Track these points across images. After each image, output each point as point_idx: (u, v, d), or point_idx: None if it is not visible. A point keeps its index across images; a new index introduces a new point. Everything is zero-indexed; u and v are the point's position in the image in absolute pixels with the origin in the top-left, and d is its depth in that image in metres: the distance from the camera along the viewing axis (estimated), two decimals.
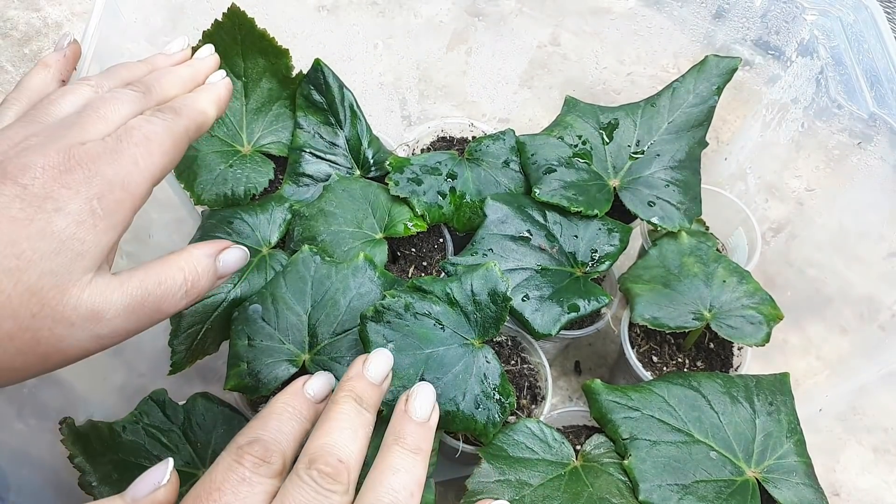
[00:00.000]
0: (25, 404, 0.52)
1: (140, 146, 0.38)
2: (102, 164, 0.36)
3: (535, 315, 0.55)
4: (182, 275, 0.39)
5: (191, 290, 0.39)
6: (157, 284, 0.37)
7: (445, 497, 0.63)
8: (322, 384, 0.42)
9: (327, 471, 0.34)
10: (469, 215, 0.62)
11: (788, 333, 0.72)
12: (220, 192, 0.62)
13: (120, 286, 0.36)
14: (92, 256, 0.35)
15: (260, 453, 0.35)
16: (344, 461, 0.35)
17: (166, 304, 0.38)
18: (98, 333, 0.35)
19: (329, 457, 0.35)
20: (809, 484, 0.50)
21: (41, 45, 0.90)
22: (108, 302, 0.35)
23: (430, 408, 0.40)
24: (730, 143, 0.74)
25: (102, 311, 0.35)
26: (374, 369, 0.41)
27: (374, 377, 0.41)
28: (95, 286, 0.35)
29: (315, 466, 0.34)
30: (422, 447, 0.38)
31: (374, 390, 0.40)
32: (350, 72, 0.67)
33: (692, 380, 0.53)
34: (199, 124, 0.43)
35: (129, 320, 0.36)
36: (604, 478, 0.50)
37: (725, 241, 0.72)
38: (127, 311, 0.36)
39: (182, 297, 0.39)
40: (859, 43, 0.59)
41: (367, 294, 0.53)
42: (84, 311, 0.34)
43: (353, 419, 0.37)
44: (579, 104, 0.67)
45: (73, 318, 0.34)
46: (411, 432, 0.38)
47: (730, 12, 0.66)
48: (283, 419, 0.38)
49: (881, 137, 0.59)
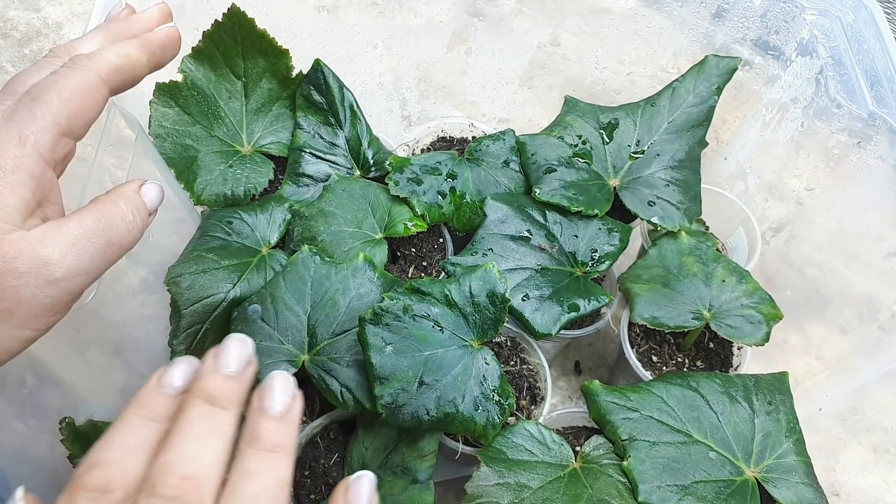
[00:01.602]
0: (25, 404, 0.53)
1: (36, 100, 0.38)
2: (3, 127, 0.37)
3: (534, 315, 0.55)
4: (118, 206, 0.39)
5: (134, 217, 0.40)
6: (95, 220, 0.38)
7: (445, 497, 0.63)
8: (181, 372, 0.34)
9: (171, 493, 0.29)
10: (469, 215, 0.62)
11: (788, 333, 0.72)
12: (219, 192, 0.62)
13: (58, 230, 0.37)
14: (6, 216, 0.36)
15: (96, 483, 0.30)
16: (191, 476, 0.30)
17: (115, 235, 0.39)
18: (52, 276, 0.36)
19: (171, 477, 0.30)
20: (809, 483, 0.50)
21: (41, 45, 0.90)
22: (50, 246, 0.36)
23: (288, 399, 0.34)
24: (730, 143, 0.74)
25: (46, 254, 0.36)
26: (226, 359, 0.34)
27: (228, 368, 0.34)
28: (31, 236, 0.36)
29: (156, 492, 0.29)
30: (281, 444, 0.33)
31: (229, 383, 0.34)
32: (350, 72, 0.67)
33: (691, 380, 0.53)
34: (115, 66, 0.41)
35: (81, 257, 0.37)
36: (603, 479, 0.50)
37: (725, 241, 0.72)
38: (74, 249, 0.37)
39: (128, 224, 0.39)
40: (859, 43, 0.59)
41: (366, 294, 0.53)
42: (28, 259, 0.35)
43: (203, 423, 0.32)
44: (579, 104, 0.67)
45: (20, 268, 0.35)
46: (267, 430, 0.33)
47: (729, 12, 0.66)
48: (128, 431, 0.32)
49: (881, 137, 0.59)
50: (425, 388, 0.48)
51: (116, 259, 0.39)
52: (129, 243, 0.40)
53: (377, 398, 0.47)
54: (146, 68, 0.44)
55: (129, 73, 0.43)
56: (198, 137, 0.64)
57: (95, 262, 0.38)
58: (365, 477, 0.35)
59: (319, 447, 0.55)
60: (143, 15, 0.47)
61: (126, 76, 0.42)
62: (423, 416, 0.48)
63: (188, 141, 0.63)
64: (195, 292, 0.55)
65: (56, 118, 0.38)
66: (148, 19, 0.47)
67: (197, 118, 0.64)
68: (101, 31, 0.45)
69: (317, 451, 0.54)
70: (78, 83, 0.39)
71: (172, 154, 0.62)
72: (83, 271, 0.37)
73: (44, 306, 0.36)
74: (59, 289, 0.36)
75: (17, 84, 0.40)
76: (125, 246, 0.39)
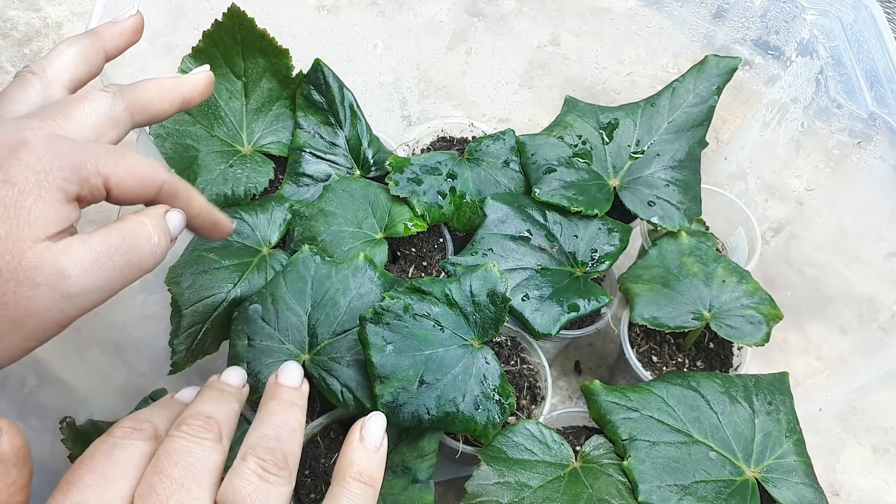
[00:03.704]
0: (26, 404, 0.53)
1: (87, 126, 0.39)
2: (55, 144, 0.37)
3: (535, 315, 0.55)
4: (145, 226, 0.39)
5: (159, 241, 0.39)
6: (121, 239, 0.38)
7: (445, 497, 0.63)
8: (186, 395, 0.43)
9: (197, 423, 0.36)
10: (469, 215, 0.62)
11: (788, 333, 0.72)
12: (220, 192, 0.62)
13: (83, 244, 0.36)
14: (42, 226, 0.35)
15: (129, 424, 0.37)
16: (213, 417, 0.37)
17: (137, 256, 0.38)
18: (68, 291, 0.35)
19: (195, 418, 0.37)
20: (809, 483, 0.50)
21: (41, 45, 0.90)
22: (71, 259, 0.35)
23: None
24: (730, 143, 0.74)
25: (66, 268, 0.35)
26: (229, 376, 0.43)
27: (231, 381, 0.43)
28: (56, 248, 0.35)
29: (184, 423, 0.37)
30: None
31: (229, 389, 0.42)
32: (350, 72, 0.67)
33: (691, 380, 0.53)
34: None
35: (99, 276, 0.36)
36: (603, 479, 0.50)
37: (725, 241, 0.72)
38: (95, 266, 0.36)
39: (152, 247, 0.39)
40: (859, 43, 0.59)
41: (367, 294, 0.53)
42: (48, 270, 0.35)
43: (218, 397, 0.40)
44: (579, 104, 0.67)
45: (38, 279, 0.34)
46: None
47: (729, 12, 0.66)
48: (151, 409, 0.40)
49: (881, 137, 0.59)
50: (426, 388, 0.48)
51: (133, 280, 0.38)
52: (150, 266, 0.39)
53: (378, 397, 0.47)
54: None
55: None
56: (198, 137, 0.64)
57: (113, 282, 0.37)
58: (378, 415, 0.41)
59: (320, 446, 0.55)
60: (190, 78, 0.47)
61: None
62: (423, 415, 0.48)
63: (188, 141, 0.63)
64: (196, 292, 0.55)
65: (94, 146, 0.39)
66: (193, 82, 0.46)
67: (197, 118, 0.64)
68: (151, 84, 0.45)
69: (317, 451, 0.54)
70: (109, 118, 0.40)
71: (173, 154, 0.62)
72: (99, 289, 0.36)
73: (54, 320, 0.35)
74: (71, 304, 0.36)
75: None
76: (145, 268, 0.39)
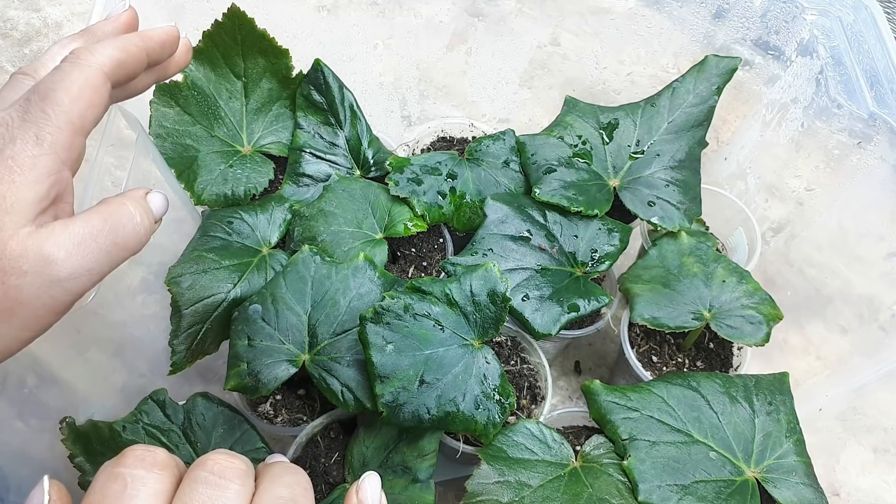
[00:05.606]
0: (26, 404, 0.53)
1: (46, 98, 0.37)
2: (13, 127, 0.36)
3: (535, 315, 0.55)
4: (126, 207, 0.39)
5: (142, 220, 0.39)
6: (102, 220, 0.38)
7: (445, 497, 0.63)
8: None
9: (218, 468, 0.32)
10: (469, 215, 0.62)
11: (788, 333, 0.72)
12: (220, 192, 0.62)
13: (65, 228, 0.36)
14: (20, 211, 0.35)
15: (139, 450, 0.32)
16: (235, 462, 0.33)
17: (121, 236, 0.38)
18: (56, 276, 0.35)
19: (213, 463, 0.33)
20: (809, 483, 0.50)
21: (41, 45, 0.90)
22: (55, 244, 0.35)
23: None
24: (730, 143, 0.74)
25: (52, 253, 0.35)
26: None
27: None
28: (38, 234, 0.35)
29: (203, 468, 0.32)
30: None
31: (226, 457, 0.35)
32: (350, 72, 0.67)
33: (691, 380, 0.53)
34: (116, 61, 0.41)
35: (86, 258, 0.36)
36: (603, 478, 0.50)
37: (725, 241, 0.72)
38: (80, 249, 0.36)
39: (136, 226, 0.39)
40: (859, 43, 0.59)
41: (367, 294, 0.53)
42: (33, 257, 0.35)
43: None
44: (579, 104, 0.67)
45: (24, 267, 0.34)
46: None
47: (730, 12, 0.66)
48: None
49: (881, 137, 0.59)
50: (426, 387, 0.48)
51: (121, 261, 0.39)
52: (135, 246, 0.39)
53: (378, 397, 0.47)
54: (144, 65, 0.43)
55: (130, 68, 0.42)
56: (198, 137, 0.64)
57: (100, 264, 0.37)
58: (372, 475, 0.38)
59: (320, 446, 0.55)
60: (156, 31, 0.45)
61: (126, 71, 0.42)
62: (423, 414, 0.48)
63: (188, 141, 0.63)
64: (196, 292, 0.55)
65: (69, 117, 0.38)
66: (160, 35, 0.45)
67: (197, 118, 0.64)
68: (88, 33, 0.44)
69: (317, 450, 0.54)
70: (84, 79, 0.39)
71: (173, 154, 0.62)
72: (87, 272, 0.37)
73: (46, 307, 0.36)
74: (61, 289, 0.36)
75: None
76: (131, 248, 0.39)
